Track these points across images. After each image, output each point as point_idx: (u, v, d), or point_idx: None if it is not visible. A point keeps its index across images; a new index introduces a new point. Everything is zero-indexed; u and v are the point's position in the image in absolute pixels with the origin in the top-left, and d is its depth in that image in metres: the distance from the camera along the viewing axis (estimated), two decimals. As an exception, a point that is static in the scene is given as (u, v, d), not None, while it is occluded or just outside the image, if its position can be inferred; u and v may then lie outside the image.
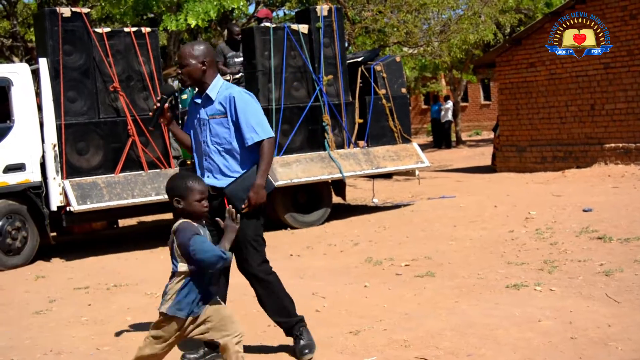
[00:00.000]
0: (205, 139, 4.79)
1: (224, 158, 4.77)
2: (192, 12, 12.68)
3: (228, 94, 4.76)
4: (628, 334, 4.84)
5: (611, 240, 7.70)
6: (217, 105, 4.77)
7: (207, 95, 4.80)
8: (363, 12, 17.38)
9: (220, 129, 4.75)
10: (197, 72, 4.74)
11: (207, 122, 4.78)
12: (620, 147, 14.36)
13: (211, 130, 4.76)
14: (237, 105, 4.72)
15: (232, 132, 4.74)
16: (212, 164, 4.79)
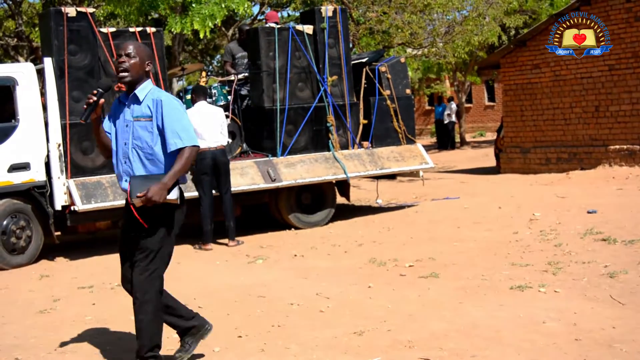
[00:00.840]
0: (127, 140, 4.61)
1: (143, 163, 4.59)
2: (197, 17, 12.67)
3: (156, 97, 4.61)
4: (632, 335, 4.83)
5: (615, 242, 7.70)
6: (143, 108, 4.61)
7: (135, 96, 4.63)
8: (368, 13, 17.37)
9: (144, 132, 4.58)
10: (140, 69, 4.63)
11: (131, 123, 4.61)
12: (624, 148, 14.34)
13: (134, 132, 4.59)
14: (164, 110, 4.56)
15: (154, 137, 4.56)
16: (130, 167, 4.61)
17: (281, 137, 10.59)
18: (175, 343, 5.35)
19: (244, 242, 9.91)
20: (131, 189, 4.50)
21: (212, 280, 7.69)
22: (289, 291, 6.84)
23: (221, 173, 9.67)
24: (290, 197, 10.72)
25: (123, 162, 4.63)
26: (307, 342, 5.20)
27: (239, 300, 6.65)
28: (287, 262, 8.50)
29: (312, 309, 6.16)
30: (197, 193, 9.69)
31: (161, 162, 4.59)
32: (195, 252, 9.58)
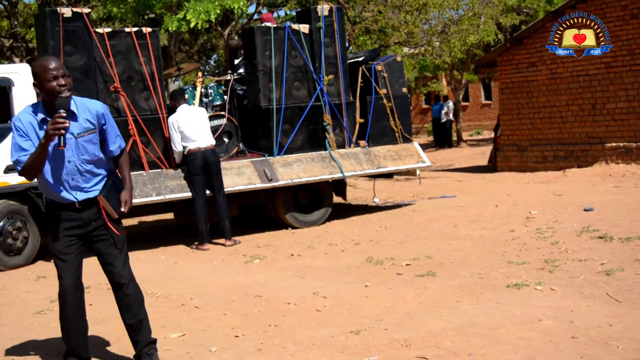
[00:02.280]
0: (72, 157, 4.55)
1: (91, 172, 4.64)
2: (192, 11, 12.66)
3: (95, 110, 4.64)
4: (629, 333, 4.84)
5: (612, 239, 7.70)
6: (83, 123, 4.58)
7: (71, 112, 4.53)
8: (364, 12, 17.38)
9: (90, 145, 4.60)
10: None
11: (74, 140, 4.53)
12: (621, 146, 14.35)
13: (79, 148, 4.56)
14: (107, 119, 4.70)
15: (98, 146, 4.67)
16: (80, 181, 4.61)
17: (278, 137, 10.59)
18: (171, 342, 5.35)
19: (241, 241, 9.91)
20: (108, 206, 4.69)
21: (209, 280, 7.69)
22: (285, 290, 6.84)
23: (212, 173, 9.68)
24: (287, 196, 10.72)
25: (71, 178, 4.57)
26: (304, 341, 5.20)
27: (236, 299, 6.65)
28: (284, 261, 8.50)
29: (309, 308, 6.16)
30: (191, 194, 9.69)
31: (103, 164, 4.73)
32: (192, 252, 9.58)
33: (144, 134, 9.78)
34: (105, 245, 4.75)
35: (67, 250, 4.65)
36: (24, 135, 4.50)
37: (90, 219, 4.67)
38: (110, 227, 4.72)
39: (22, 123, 4.52)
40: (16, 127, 4.53)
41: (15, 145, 4.50)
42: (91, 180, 4.66)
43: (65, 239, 4.64)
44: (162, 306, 6.62)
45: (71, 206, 4.61)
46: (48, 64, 4.46)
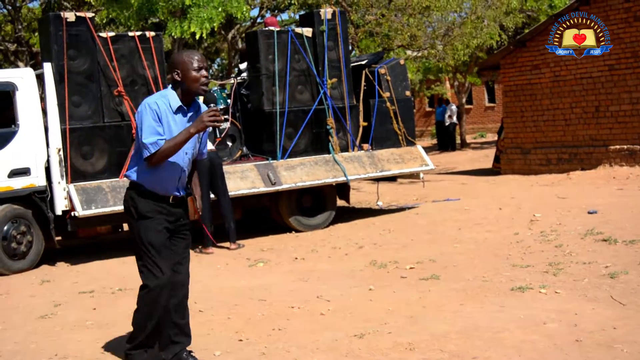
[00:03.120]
0: (189, 151, 4.67)
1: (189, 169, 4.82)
2: (195, 20, 12.66)
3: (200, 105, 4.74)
4: (633, 336, 4.83)
5: (616, 242, 7.69)
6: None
7: (198, 105, 4.69)
8: (367, 15, 17.39)
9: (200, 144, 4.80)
10: None
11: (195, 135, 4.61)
12: (625, 149, 14.33)
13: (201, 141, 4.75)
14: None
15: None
16: (184, 177, 4.74)
17: (281, 140, 10.60)
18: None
19: (245, 245, 9.92)
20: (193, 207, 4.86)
21: (213, 283, 7.69)
22: (289, 294, 6.84)
23: (217, 176, 9.67)
24: (291, 200, 10.72)
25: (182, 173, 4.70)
26: (307, 345, 5.20)
27: (240, 303, 6.65)
28: (288, 265, 8.50)
29: (312, 311, 6.16)
30: (197, 197, 9.69)
31: None
32: (196, 255, 9.58)
33: (147, 138, 9.78)
34: (183, 244, 4.80)
35: (164, 242, 4.66)
36: (158, 120, 4.51)
37: (179, 216, 4.74)
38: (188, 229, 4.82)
39: (158, 107, 4.53)
40: (152, 109, 4.51)
41: (150, 127, 4.47)
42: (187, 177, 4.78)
43: (163, 232, 4.65)
44: (166, 310, 6.62)
45: (167, 199, 4.64)
46: (194, 55, 4.61)
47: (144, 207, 4.62)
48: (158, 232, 4.62)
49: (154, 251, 4.62)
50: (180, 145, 4.49)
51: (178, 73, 4.58)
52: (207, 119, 4.40)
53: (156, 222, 4.62)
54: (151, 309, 4.70)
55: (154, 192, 4.63)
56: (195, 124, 4.46)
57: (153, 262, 4.63)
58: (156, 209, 4.62)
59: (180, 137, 4.47)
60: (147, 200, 4.63)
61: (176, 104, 4.58)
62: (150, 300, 4.69)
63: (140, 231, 4.63)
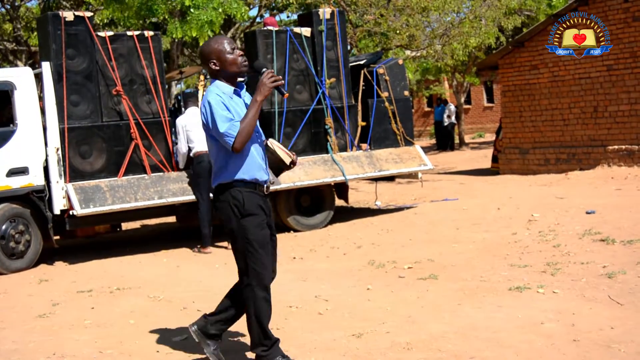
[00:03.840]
0: (259, 131, 4.71)
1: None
2: (195, 22, 12.65)
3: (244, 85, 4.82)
4: (631, 336, 4.84)
5: (614, 242, 7.70)
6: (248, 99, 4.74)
7: (243, 85, 4.78)
8: (365, 15, 17.39)
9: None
10: None
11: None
12: (623, 149, 14.34)
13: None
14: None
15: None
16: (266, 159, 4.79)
17: (280, 140, 10.59)
18: (174, 346, 5.36)
19: (243, 245, 9.90)
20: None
21: (212, 283, 7.69)
22: (287, 293, 6.84)
23: None
24: (289, 199, 10.72)
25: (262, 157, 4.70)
26: (305, 344, 5.20)
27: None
28: (286, 264, 8.49)
29: (311, 311, 6.16)
30: (195, 196, 9.70)
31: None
32: (194, 255, 9.59)
33: (146, 138, 9.80)
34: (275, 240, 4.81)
35: (268, 239, 4.66)
36: (226, 108, 4.52)
37: (270, 210, 4.75)
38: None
39: (221, 97, 4.56)
40: (216, 101, 4.52)
41: (222, 117, 4.48)
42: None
43: (266, 228, 4.64)
44: (164, 309, 6.63)
45: (263, 190, 4.65)
46: (223, 39, 4.66)
47: (250, 203, 4.58)
48: (263, 229, 4.62)
49: (261, 250, 4.60)
50: (255, 118, 4.51)
51: (214, 62, 4.62)
52: (268, 81, 4.50)
53: (260, 219, 4.61)
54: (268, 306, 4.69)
55: (255, 181, 4.60)
56: (259, 91, 4.51)
57: (262, 261, 4.60)
58: (259, 204, 4.61)
59: (251, 110, 4.52)
60: (250, 193, 4.59)
61: (230, 90, 4.64)
62: (264, 298, 4.66)
63: (246, 230, 4.58)
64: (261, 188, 4.65)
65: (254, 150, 4.63)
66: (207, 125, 4.55)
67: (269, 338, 4.68)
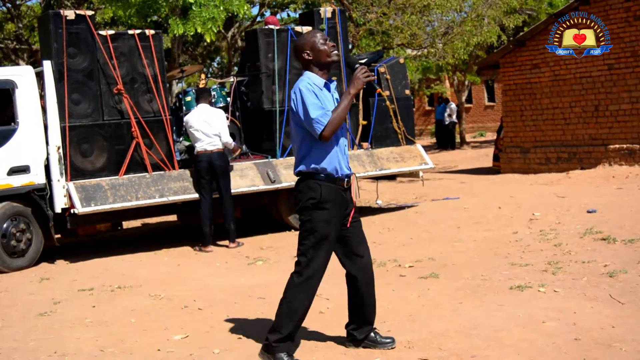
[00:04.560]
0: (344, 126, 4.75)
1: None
2: (198, 19, 12.65)
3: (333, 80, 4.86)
4: (632, 335, 4.83)
5: (615, 241, 7.69)
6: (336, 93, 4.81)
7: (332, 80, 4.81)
8: (367, 14, 17.39)
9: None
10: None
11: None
12: (624, 148, 14.34)
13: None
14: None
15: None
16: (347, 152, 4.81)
17: (280, 139, 10.61)
18: (174, 344, 5.35)
19: (244, 243, 9.92)
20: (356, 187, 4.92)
21: (212, 281, 7.70)
22: (288, 292, 6.83)
23: (218, 175, 9.67)
24: (290, 198, 10.70)
25: (344, 151, 4.77)
26: (306, 343, 5.20)
27: (239, 301, 6.66)
28: (287, 263, 8.49)
29: (312, 310, 6.11)
30: (197, 195, 9.71)
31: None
32: (195, 253, 9.59)
33: (147, 136, 9.80)
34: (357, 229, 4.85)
35: (334, 235, 4.73)
36: (318, 97, 4.65)
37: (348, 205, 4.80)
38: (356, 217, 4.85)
39: (315, 86, 4.69)
40: (308, 90, 4.65)
41: (314, 104, 4.60)
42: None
43: (336, 224, 4.71)
44: (165, 308, 6.63)
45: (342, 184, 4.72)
46: (316, 32, 4.81)
47: (326, 196, 4.68)
48: (330, 225, 4.69)
49: (321, 246, 4.69)
50: (346, 110, 4.62)
51: (308, 53, 4.76)
52: (362, 76, 4.59)
53: (330, 215, 4.68)
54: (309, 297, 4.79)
55: (333, 175, 4.71)
56: (353, 85, 4.63)
57: (318, 257, 4.72)
58: (334, 198, 4.69)
59: (343, 101, 4.63)
60: (329, 186, 4.70)
61: (320, 82, 4.74)
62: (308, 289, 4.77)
63: (314, 223, 4.68)
64: (341, 182, 4.74)
65: (340, 143, 4.76)
66: (295, 111, 4.70)
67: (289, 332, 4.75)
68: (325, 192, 4.68)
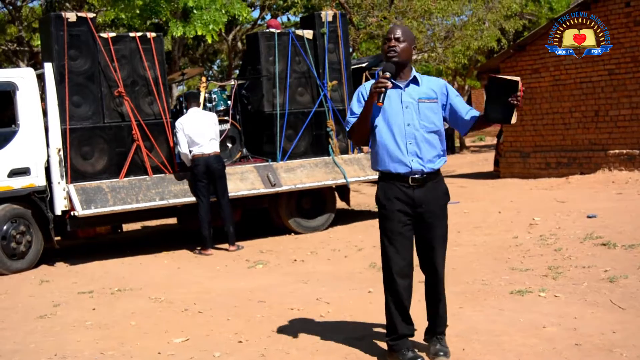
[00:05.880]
0: (412, 121, 4.69)
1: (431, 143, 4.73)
2: (199, 22, 12.66)
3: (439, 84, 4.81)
4: (632, 340, 4.83)
5: (615, 246, 7.70)
6: (425, 89, 4.74)
7: (415, 78, 4.74)
8: (368, 18, 17.41)
9: (431, 113, 4.70)
10: (409, 53, 4.74)
11: (412, 104, 4.68)
12: (624, 153, 14.34)
13: (420, 113, 4.68)
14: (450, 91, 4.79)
15: (440, 117, 4.75)
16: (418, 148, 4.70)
17: (281, 142, 10.61)
18: (175, 347, 5.35)
19: (244, 246, 9.92)
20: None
21: (212, 285, 7.69)
22: (289, 296, 6.84)
23: (216, 179, 9.68)
24: (290, 201, 10.72)
25: (408, 142, 4.68)
26: (307, 347, 5.20)
27: (239, 305, 6.65)
28: (287, 266, 8.50)
29: (312, 313, 6.16)
30: (195, 199, 9.71)
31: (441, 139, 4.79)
32: (195, 257, 9.59)
33: (147, 139, 9.81)
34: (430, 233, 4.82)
35: (399, 230, 4.74)
36: (361, 100, 4.74)
37: (421, 201, 4.72)
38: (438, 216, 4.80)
39: (364, 89, 4.77)
40: (357, 92, 4.81)
41: (350, 109, 4.82)
42: (430, 151, 4.73)
43: (397, 218, 4.71)
44: (165, 311, 6.63)
45: (406, 180, 4.68)
46: (389, 28, 4.85)
47: (384, 195, 4.75)
48: (392, 221, 4.73)
49: (387, 241, 4.79)
50: (363, 117, 4.65)
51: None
52: (373, 85, 4.55)
53: (389, 211, 4.72)
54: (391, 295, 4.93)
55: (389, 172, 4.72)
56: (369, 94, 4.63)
57: (386, 252, 4.83)
58: (395, 196, 4.70)
59: (362, 110, 4.66)
60: (387, 185, 4.74)
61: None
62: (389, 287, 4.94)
63: (380, 220, 4.81)
64: (403, 179, 4.70)
65: (392, 142, 4.68)
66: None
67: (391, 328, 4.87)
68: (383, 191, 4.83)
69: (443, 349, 4.82)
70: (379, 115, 4.69)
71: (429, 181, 4.76)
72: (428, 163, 4.72)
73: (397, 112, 4.67)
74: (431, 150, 4.72)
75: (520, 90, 4.40)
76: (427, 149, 4.70)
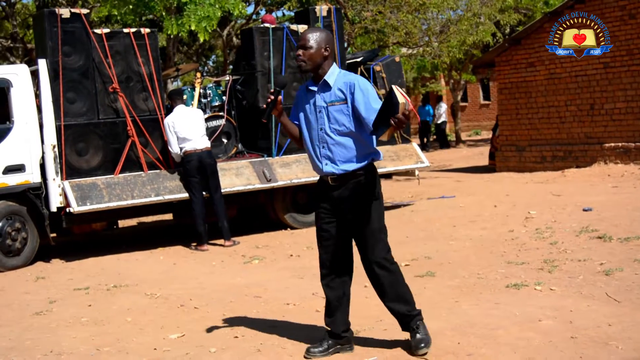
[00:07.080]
0: (324, 126, 4.70)
1: (344, 146, 4.67)
2: (193, 17, 12.63)
3: (347, 81, 4.67)
4: (628, 333, 4.84)
5: (611, 239, 7.70)
6: (336, 92, 4.68)
7: (325, 82, 4.69)
8: (363, 12, 17.39)
9: (340, 115, 4.65)
10: (319, 58, 4.66)
11: (324, 108, 4.68)
12: (619, 146, 14.36)
13: (329, 116, 4.67)
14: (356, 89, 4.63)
15: (351, 119, 4.64)
16: (330, 152, 4.69)
17: (276, 137, 10.59)
18: (170, 343, 5.35)
19: (240, 242, 9.91)
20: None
21: (208, 280, 7.69)
22: (285, 291, 6.84)
23: (208, 174, 9.67)
24: (286, 197, 10.71)
25: (321, 147, 4.73)
26: (303, 342, 5.19)
27: (235, 300, 6.65)
28: (283, 262, 8.50)
29: (308, 308, 6.16)
30: (188, 195, 9.69)
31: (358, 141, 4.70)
32: (191, 252, 9.58)
33: (142, 135, 9.79)
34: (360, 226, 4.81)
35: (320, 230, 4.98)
36: (296, 104, 4.93)
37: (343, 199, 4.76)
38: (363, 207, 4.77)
39: (299, 92, 4.92)
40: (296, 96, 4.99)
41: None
42: (344, 154, 4.70)
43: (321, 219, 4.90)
44: (161, 307, 6.62)
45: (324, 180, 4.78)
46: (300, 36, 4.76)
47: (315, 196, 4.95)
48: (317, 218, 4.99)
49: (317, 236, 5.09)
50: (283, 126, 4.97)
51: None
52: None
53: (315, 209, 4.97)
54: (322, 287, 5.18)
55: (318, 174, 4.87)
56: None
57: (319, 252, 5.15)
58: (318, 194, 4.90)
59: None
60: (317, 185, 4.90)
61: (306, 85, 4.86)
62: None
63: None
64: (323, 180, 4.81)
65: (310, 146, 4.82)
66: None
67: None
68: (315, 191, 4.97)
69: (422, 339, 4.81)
70: (302, 120, 4.84)
71: (351, 180, 4.73)
72: (343, 165, 4.69)
73: (312, 117, 4.75)
74: (346, 152, 4.68)
75: (401, 113, 4.23)
76: (341, 152, 4.68)
